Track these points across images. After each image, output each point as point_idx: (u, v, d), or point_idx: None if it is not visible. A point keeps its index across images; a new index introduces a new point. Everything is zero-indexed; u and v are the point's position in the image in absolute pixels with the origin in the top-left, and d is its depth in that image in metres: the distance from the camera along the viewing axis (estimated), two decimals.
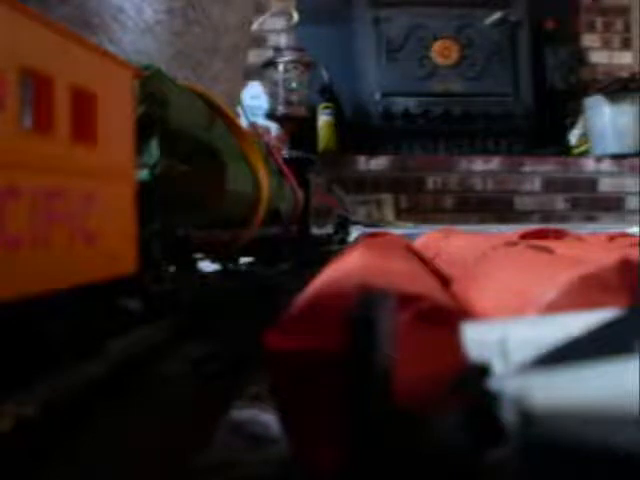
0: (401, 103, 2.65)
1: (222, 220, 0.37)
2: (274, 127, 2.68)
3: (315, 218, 0.68)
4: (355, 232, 1.47)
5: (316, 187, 0.77)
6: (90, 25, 1.62)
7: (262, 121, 2.67)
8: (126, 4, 1.67)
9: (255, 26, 2.49)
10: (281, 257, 0.51)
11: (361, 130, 2.68)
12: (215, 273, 0.48)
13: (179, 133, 0.31)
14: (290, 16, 2.66)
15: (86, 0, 1.60)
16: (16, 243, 0.18)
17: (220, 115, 0.42)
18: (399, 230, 1.57)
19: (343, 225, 1.30)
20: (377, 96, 2.67)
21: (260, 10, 2.59)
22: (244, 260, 0.54)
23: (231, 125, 0.45)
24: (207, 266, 0.46)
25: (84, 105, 0.22)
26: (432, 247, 0.45)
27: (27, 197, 0.19)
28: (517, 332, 0.18)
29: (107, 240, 0.22)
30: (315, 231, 0.70)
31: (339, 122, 2.69)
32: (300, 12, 2.69)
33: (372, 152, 2.66)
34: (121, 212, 0.23)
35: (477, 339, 0.17)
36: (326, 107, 2.67)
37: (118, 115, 0.24)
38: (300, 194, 0.62)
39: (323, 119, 2.68)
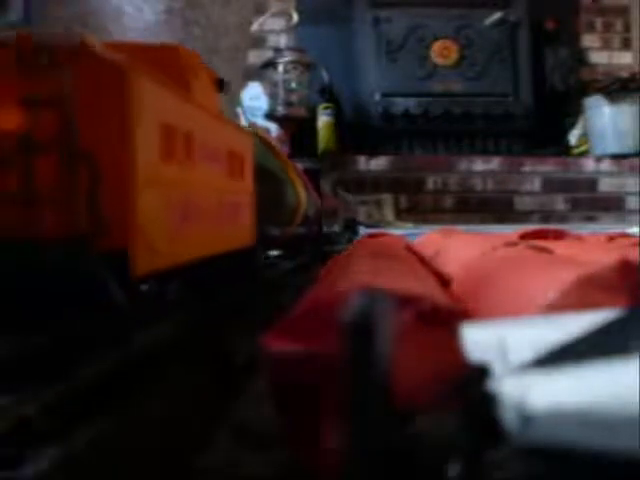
0: (401, 103, 2.65)
1: (277, 221, 0.53)
2: (274, 128, 2.68)
3: (324, 219, 0.80)
4: (363, 231, 1.50)
5: (324, 192, 0.99)
6: (89, 25, 1.61)
7: (262, 122, 2.67)
8: (126, 5, 1.67)
9: (255, 26, 2.49)
10: (302, 251, 0.63)
11: (361, 130, 2.68)
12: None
13: (257, 165, 0.46)
14: (290, 16, 2.66)
15: (86, 1, 1.60)
16: (211, 228, 0.32)
17: (271, 148, 0.59)
18: (399, 230, 1.57)
19: (352, 225, 1.40)
20: (377, 96, 2.67)
21: (260, 10, 2.59)
22: (272, 253, 0.65)
23: (277, 154, 0.61)
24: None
25: (236, 158, 0.39)
26: (432, 247, 0.45)
27: (215, 203, 0.33)
28: (516, 333, 0.18)
29: (243, 227, 0.40)
30: (325, 230, 0.84)
31: (339, 122, 2.69)
32: (300, 12, 2.69)
33: (372, 152, 2.66)
34: (248, 212, 0.42)
35: (476, 340, 0.17)
36: (326, 107, 2.67)
37: (248, 160, 0.43)
38: (317, 200, 0.74)
39: (323, 119, 2.67)
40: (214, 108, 0.35)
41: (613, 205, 2.75)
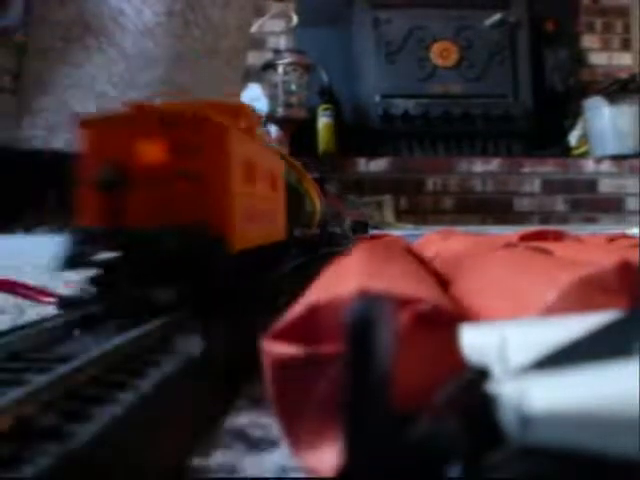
0: (400, 105, 2.65)
1: (299, 224, 0.65)
2: (273, 129, 2.68)
3: (330, 221, 0.94)
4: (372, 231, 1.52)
5: (329, 195, 1.04)
6: (90, 28, 1.62)
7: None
8: (126, 7, 1.67)
9: (254, 28, 2.49)
10: (313, 250, 0.73)
11: (361, 132, 2.68)
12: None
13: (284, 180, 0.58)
14: (289, 18, 2.66)
15: (86, 3, 1.61)
16: (262, 225, 0.43)
17: (292, 166, 0.65)
18: (399, 231, 1.57)
19: (361, 226, 1.49)
20: (376, 98, 2.67)
21: (259, 12, 2.59)
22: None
23: (298, 170, 0.69)
24: None
25: (274, 176, 0.50)
26: (431, 249, 0.45)
27: (265, 208, 0.45)
28: (516, 334, 0.18)
29: (280, 226, 0.51)
30: (333, 231, 0.97)
31: (339, 124, 2.69)
32: (299, 14, 2.69)
33: (372, 154, 2.66)
34: (282, 216, 0.53)
35: (476, 342, 0.17)
36: (326, 109, 2.67)
37: (280, 177, 0.53)
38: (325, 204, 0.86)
39: (323, 121, 2.67)
40: (261, 140, 0.50)
41: (613, 206, 2.75)
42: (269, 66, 2.57)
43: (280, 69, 2.54)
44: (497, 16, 2.69)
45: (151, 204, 0.33)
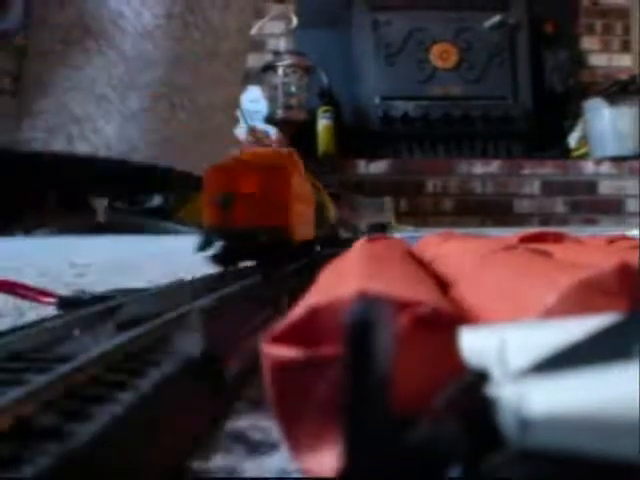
0: (400, 106, 2.65)
1: (319, 228, 0.79)
2: (273, 131, 2.68)
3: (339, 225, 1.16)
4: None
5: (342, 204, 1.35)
6: (90, 30, 1.61)
7: (261, 125, 2.67)
8: (125, 9, 1.67)
9: (254, 30, 2.49)
10: (327, 245, 0.90)
11: (360, 133, 2.69)
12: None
13: None
14: (289, 20, 2.67)
15: (86, 5, 1.61)
16: (304, 226, 0.63)
17: (315, 186, 0.80)
18: (399, 233, 1.57)
19: (380, 228, 1.65)
20: (376, 99, 2.67)
21: (259, 14, 2.59)
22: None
23: (319, 189, 0.86)
24: None
25: (309, 197, 0.70)
26: (431, 251, 0.45)
27: (305, 214, 0.67)
28: (515, 337, 0.18)
29: (310, 227, 0.69)
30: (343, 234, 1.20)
31: (338, 126, 2.69)
32: (299, 16, 2.69)
33: (371, 155, 2.66)
34: (312, 221, 0.71)
35: (475, 344, 0.17)
36: (325, 111, 2.68)
37: (311, 196, 0.72)
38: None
39: (322, 123, 2.68)
40: (301, 170, 0.67)
41: (613, 208, 2.75)
42: (269, 68, 2.57)
43: (280, 71, 2.54)
44: (496, 18, 2.69)
45: (249, 215, 0.54)
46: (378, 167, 2.66)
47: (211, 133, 1.86)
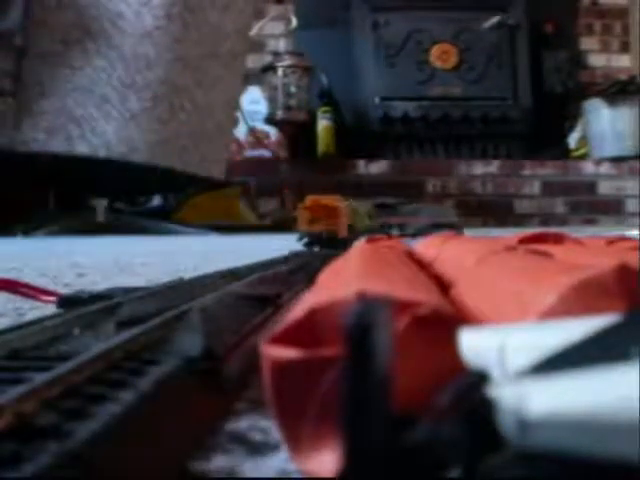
0: (400, 107, 2.65)
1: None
2: (273, 131, 2.68)
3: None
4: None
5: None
6: (90, 31, 1.62)
7: (261, 125, 2.67)
8: (125, 10, 1.67)
9: (254, 31, 2.49)
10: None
11: (360, 134, 2.69)
12: None
13: None
14: (289, 21, 2.67)
15: (85, 6, 1.61)
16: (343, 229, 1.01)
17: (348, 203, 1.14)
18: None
19: (448, 227, 1.72)
20: (376, 100, 2.67)
21: (259, 15, 2.59)
22: None
23: (351, 204, 1.16)
24: None
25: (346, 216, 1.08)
26: (431, 252, 0.45)
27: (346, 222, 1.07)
28: (515, 338, 0.18)
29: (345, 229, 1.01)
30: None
31: (338, 126, 2.69)
32: (298, 17, 2.69)
33: (371, 156, 2.66)
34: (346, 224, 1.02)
35: (475, 345, 0.17)
36: (325, 111, 2.68)
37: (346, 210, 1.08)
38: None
39: (322, 123, 2.68)
40: (340, 200, 1.01)
41: (613, 208, 2.75)
42: (269, 69, 2.57)
43: (279, 71, 2.54)
44: (496, 18, 2.69)
45: (320, 226, 0.92)
46: (378, 167, 2.66)
47: (210, 133, 1.86)
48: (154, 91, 1.68)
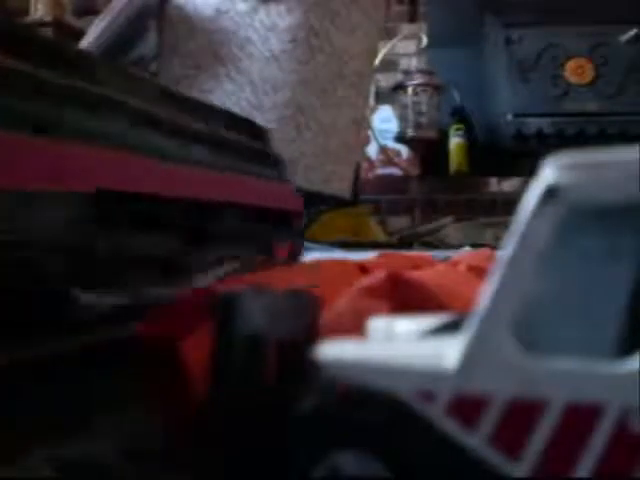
0: (534, 123, 2.61)
1: None
2: (404, 150, 2.71)
3: None
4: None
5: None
6: (218, 56, 1.72)
7: (392, 144, 2.71)
8: (252, 35, 1.76)
9: (385, 50, 2.54)
10: None
11: (493, 151, 2.66)
12: None
13: None
14: (419, 39, 2.69)
15: (214, 32, 1.71)
16: None
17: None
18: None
19: None
20: (509, 117, 2.64)
21: (390, 34, 2.63)
22: None
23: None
24: None
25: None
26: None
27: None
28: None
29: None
30: None
31: (471, 144, 2.68)
32: (430, 35, 2.71)
33: (504, 173, 2.63)
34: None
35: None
36: (458, 129, 2.68)
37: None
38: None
39: (454, 141, 2.68)
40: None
41: None
42: (399, 87, 2.61)
43: (410, 90, 2.57)
44: (633, 32, 2.59)
45: None
46: (511, 185, 2.63)
47: (335, 152, 1.92)
48: (280, 112, 1.75)
